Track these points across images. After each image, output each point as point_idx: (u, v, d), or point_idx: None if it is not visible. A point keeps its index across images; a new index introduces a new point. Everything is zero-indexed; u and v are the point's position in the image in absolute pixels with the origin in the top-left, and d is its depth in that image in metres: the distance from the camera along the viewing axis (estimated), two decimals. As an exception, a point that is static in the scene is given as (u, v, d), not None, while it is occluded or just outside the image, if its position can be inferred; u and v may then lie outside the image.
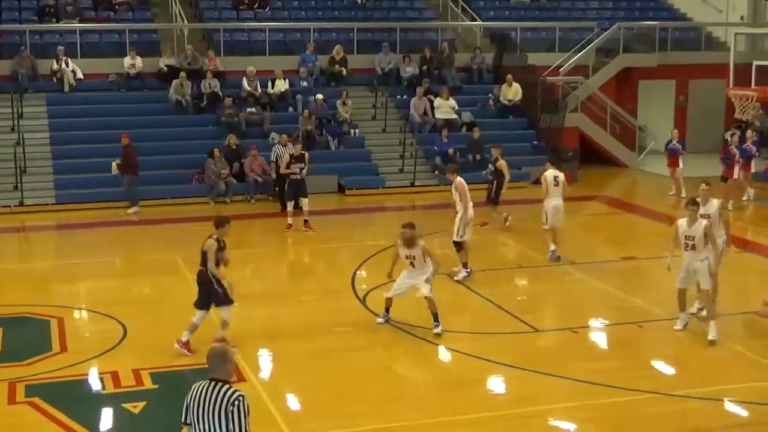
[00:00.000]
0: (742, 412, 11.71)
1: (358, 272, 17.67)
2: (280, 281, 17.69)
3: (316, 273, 19.11)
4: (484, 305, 15.83)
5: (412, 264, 14.09)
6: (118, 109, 26.43)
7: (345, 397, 11.93)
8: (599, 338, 14.86)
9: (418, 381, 12.54)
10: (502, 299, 15.97)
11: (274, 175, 23.30)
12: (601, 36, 30.65)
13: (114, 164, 23.24)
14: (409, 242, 13.93)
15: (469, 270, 16.88)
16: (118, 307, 15.31)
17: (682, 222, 13.78)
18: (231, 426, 7.27)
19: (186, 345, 13.20)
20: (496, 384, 12.68)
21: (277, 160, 23.17)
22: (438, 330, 13.96)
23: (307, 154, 21.36)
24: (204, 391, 7.39)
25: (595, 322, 15.20)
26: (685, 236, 13.64)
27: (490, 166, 21.24)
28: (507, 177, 20.66)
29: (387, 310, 14.50)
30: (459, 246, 17.01)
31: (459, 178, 17.28)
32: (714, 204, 14.56)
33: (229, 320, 13.33)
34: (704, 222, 13.77)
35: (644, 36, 31.86)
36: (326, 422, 11.16)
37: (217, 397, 7.31)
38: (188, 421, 7.52)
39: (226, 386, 7.37)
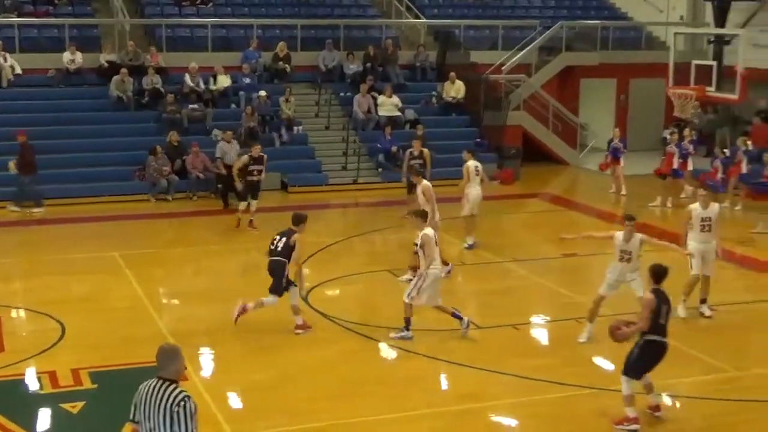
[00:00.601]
0: (678, 406, 11.88)
1: (301, 270, 17.57)
2: (223, 279, 17.56)
3: (258, 271, 18.90)
4: (427, 302, 15.84)
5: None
6: (58, 105, 26.08)
7: (287, 396, 11.88)
8: (540, 335, 14.97)
9: (360, 378, 12.52)
10: (443, 295, 15.96)
11: (224, 171, 23.02)
12: (544, 35, 30.86)
13: (11, 163, 22.74)
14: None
15: None
16: (57, 306, 15.10)
17: (619, 235, 13.82)
18: (176, 427, 7.22)
19: (303, 326, 14.04)
20: (438, 381, 12.73)
21: (222, 156, 22.97)
22: (395, 335, 13.84)
23: (265, 156, 21.10)
24: (151, 390, 7.34)
25: (537, 319, 15.32)
26: (621, 250, 13.71)
27: (415, 161, 20.82)
28: (429, 166, 20.49)
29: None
30: None
31: (425, 182, 17.08)
32: (715, 207, 14.76)
33: (269, 305, 14.08)
34: (640, 236, 13.83)
35: (586, 35, 32.14)
36: (268, 421, 11.12)
37: (164, 396, 7.27)
38: (136, 419, 7.48)
39: (173, 386, 7.33)
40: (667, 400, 11.83)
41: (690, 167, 24.22)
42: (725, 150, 23.38)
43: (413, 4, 32.36)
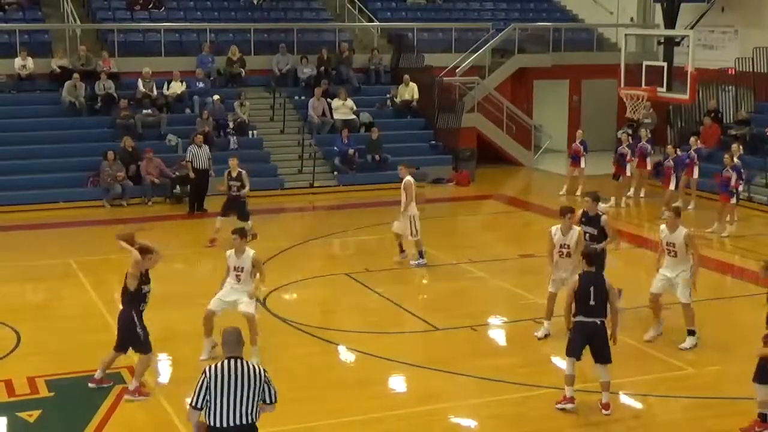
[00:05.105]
0: (636, 404, 12.01)
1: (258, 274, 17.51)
2: (178, 284, 17.42)
3: (214, 275, 18.81)
4: (384, 304, 15.89)
5: (238, 278, 13.28)
6: (10, 111, 25.79)
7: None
8: (499, 335, 15.06)
9: (319, 381, 12.52)
10: (401, 298, 16.06)
11: (192, 174, 22.84)
12: (497, 37, 31.03)
13: None
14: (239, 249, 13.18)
15: None
16: (11, 314, 14.95)
17: (555, 229, 13.96)
18: (265, 394, 8.08)
19: None
20: (397, 383, 12.76)
21: (192, 160, 22.80)
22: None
23: (244, 173, 19.74)
24: (230, 369, 7.92)
25: (495, 320, 15.41)
26: (560, 244, 13.83)
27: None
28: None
29: None
30: None
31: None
32: (681, 232, 13.46)
33: None
34: (578, 228, 13.98)
35: (538, 37, 32.35)
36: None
37: (249, 371, 7.97)
38: (201, 406, 7.96)
39: (246, 361, 8.03)
40: (628, 399, 12.00)
41: (648, 167, 24.49)
42: (677, 149, 23.61)
43: (366, 7, 32.39)
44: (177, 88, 27.04)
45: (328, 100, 27.86)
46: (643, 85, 26.46)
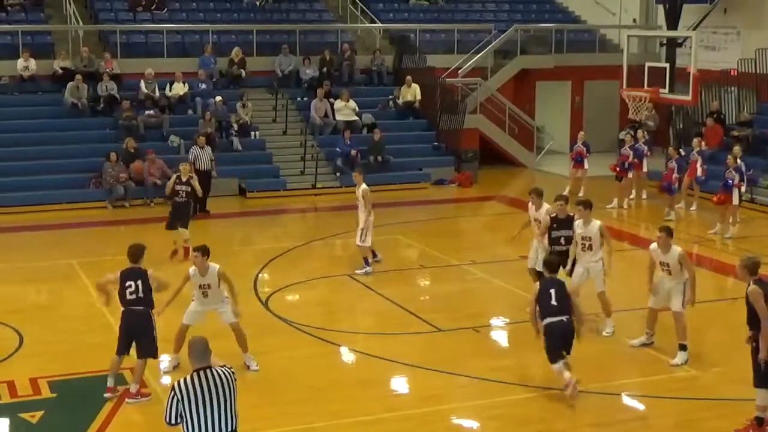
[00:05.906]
0: (639, 406, 12.01)
1: (260, 275, 17.56)
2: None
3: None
4: (387, 305, 15.88)
5: (204, 294, 12.54)
6: (12, 113, 25.81)
7: (248, 401, 11.78)
8: (500, 336, 15.06)
9: (321, 383, 12.51)
10: (404, 299, 16.05)
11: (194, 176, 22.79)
12: (499, 38, 31.03)
13: None
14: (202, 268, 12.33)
15: None
16: (14, 315, 14.96)
17: (578, 223, 14.01)
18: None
19: None
20: (399, 384, 12.75)
21: (194, 161, 22.81)
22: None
23: (195, 177, 19.43)
24: (201, 382, 7.84)
25: (497, 321, 15.40)
26: (582, 236, 13.87)
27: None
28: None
29: None
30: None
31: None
32: (675, 252, 12.95)
33: None
34: (598, 222, 14.00)
35: (541, 38, 32.36)
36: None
37: (222, 378, 7.91)
38: (176, 421, 7.87)
39: (215, 369, 7.94)
40: (631, 400, 12.03)
41: (645, 168, 24.45)
42: (680, 150, 23.60)
43: (368, 8, 32.40)
44: (179, 89, 27.04)
45: (331, 101, 27.86)
46: (645, 87, 26.45)
